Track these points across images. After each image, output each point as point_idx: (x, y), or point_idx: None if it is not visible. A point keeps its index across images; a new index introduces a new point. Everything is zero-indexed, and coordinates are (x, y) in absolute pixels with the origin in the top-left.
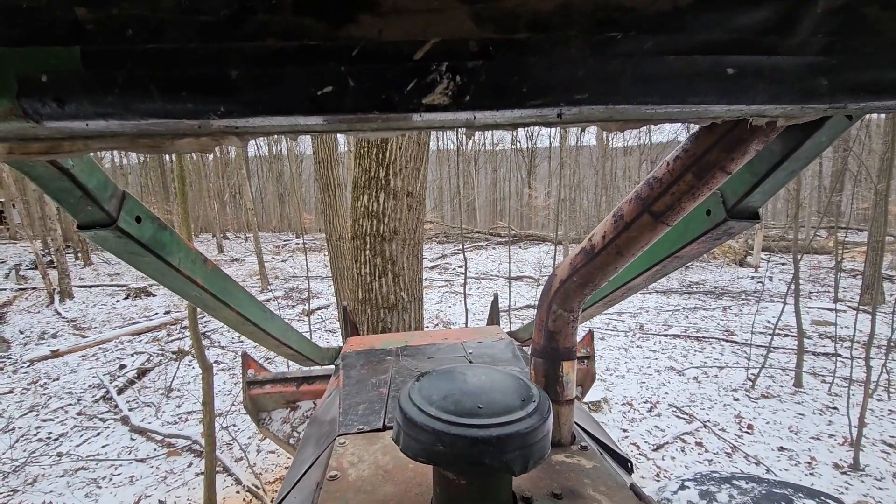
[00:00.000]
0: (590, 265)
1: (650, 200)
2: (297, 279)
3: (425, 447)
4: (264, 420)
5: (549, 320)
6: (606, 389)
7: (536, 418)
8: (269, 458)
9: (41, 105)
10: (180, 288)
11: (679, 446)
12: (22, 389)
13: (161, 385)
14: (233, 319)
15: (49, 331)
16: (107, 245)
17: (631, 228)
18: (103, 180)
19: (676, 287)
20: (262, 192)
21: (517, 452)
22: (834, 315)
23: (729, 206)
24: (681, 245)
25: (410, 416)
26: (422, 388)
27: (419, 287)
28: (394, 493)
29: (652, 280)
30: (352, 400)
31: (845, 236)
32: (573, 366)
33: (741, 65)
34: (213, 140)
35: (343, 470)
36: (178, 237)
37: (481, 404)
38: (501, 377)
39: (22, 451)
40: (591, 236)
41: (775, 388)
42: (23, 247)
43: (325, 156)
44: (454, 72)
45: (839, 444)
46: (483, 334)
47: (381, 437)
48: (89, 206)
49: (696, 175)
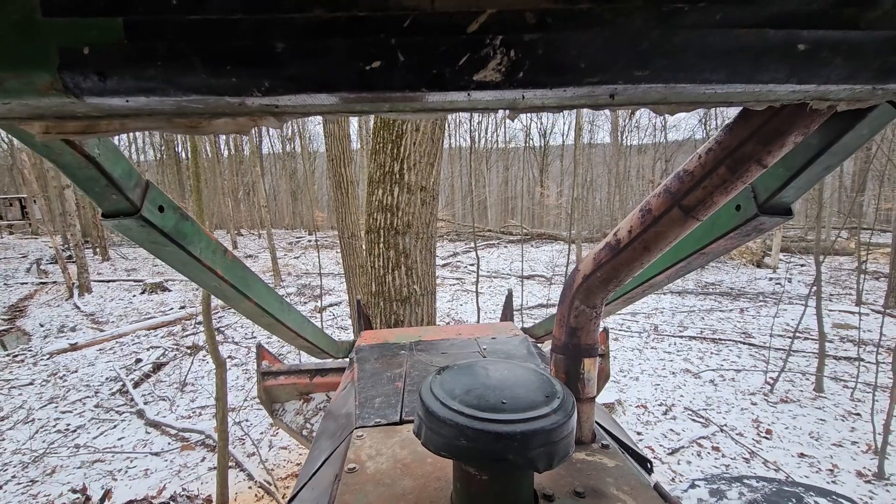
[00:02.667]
0: (615, 260)
1: (680, 194)
2: (310, 276)
3: (448, 441)
4: (278, 411)
5: (570, 316)
6: (620, 391)
7: (561, 415)
8: (281, 454)
9: (83, 79)
10: (200, 278)
11: (695, 450)
12: (42, 381)
13: (176, 379)
14: (251, 310)
15: (68, 324)
16: (130, 234)
17: (659, 223)
18: (128, 169)
19: (692, 288)
20: (275, 189)
21: (542, 449)
22: (856, 318)
23: (760, 201)
24: (707, 241)
25: (433, 410)
26: (443, 382)
27: (432, 281)
28: (413, 487)
29: (675, 277)
30: (367, 393)
31: (870, 237)
32: (595, 363)
33: (815, 40)
34: (251, 120)
35: (361, 463)
36: (200, 227)
37: (505, 399)
38: (524, 372)
39: (41, 442)
40: (617, 231)
41: (795, 393)
42: (44, 242)
43: (338, 153)
44: (509, 45)
45: (862, 452)
46: (497, 330)
47: (399, 430)
48: (114, 194)
49: (729, 168)
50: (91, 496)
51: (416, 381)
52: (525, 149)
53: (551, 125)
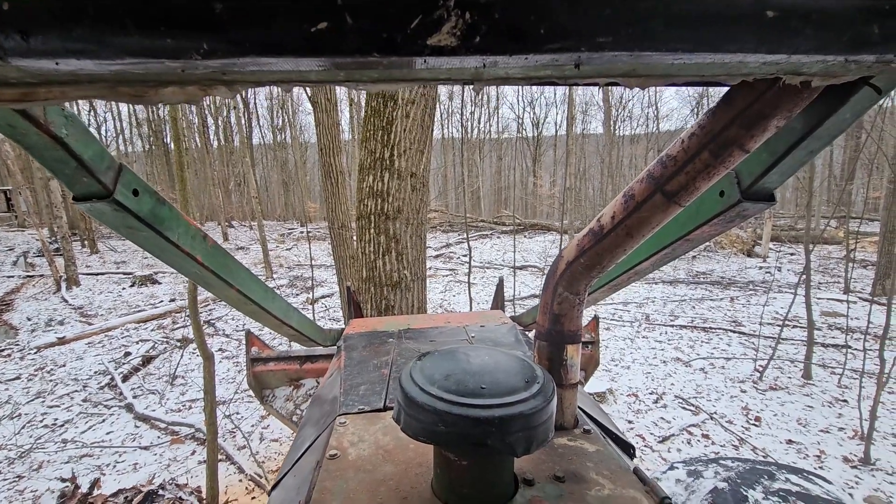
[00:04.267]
0: (598, 246)
1: (663, 180)
2: (302, 268)
3: (426, 427)
4: (268, 397)
5: (554, 303)
6: (612, 380)
7: (540, 399)
8: (272, 447)
9: (3, 37)
10: (180, 264)
11: (685, 438)
12: (29, 376)
13: (165, 373)
14: (234, 298)
15: (56, 318)
16: (104, 219)
17: (642, 209)
18: (99, 151)
19: (683, 277)
20: (266, 180)
21: (520, 434)
22: (844, 306)
23: (744, 186)
24: (691, 227)
25: (411, 396)
26: (423, 368)
27: (422, 267)
28: (394, 473)
29: (660, 264)
30: (353, 381)
31: (859, 226)
32: (578, 350)
33: (785, 7)
34: (201, 89)
35: (343, 449)
36: (178, 213)
37: (484, 384)
38: (505, 358)
39: (28, 437)
40: (600, 217)
41: (783, 380)
42: (30, 234)
43: (328, 142)
44: (464, 7)
45: (849, 438)
46: (486, 318)
47: (382, 417)
48: (85, 177)
49: (712, 153)
50: (80, 485)
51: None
52: (518, 139)
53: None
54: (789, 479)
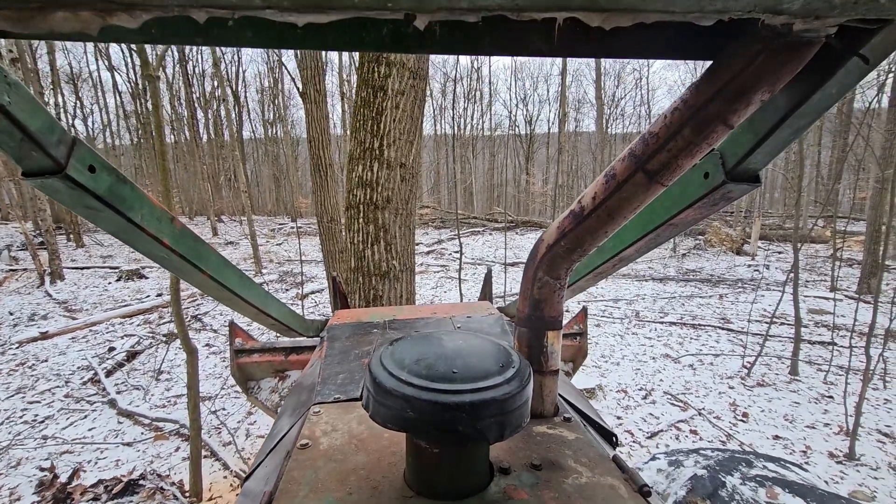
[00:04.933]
0: (579, 228)
1: (644, 158)
2: (292, 263)
3: (395, 413)
4: (253, 389)
5: (534, 288)
6: (601, 376)
7: (515, 384)
8: (257, 443)
9: None
10: (146, 248)
11: (673, 434)
12: (9, 371)
13: (150, 368)
14: (206, 284)
15: (39, 312)
16: (59, 197)
17: (623, 189)
18: (48, 122)
19: (673, 275)
20: (257, 175)
21: (492, 420)
22: (830, 304)
23: (728, 167)
24: (676, 211)
25: (380, 381)
26: (394, 353)
27: (411, 258)
28: (366, 462)
29: (645, 250)
30: (332, 370)
31: (846, 225)
32: (558, 336)
33: None
34: (97, 15)
35: (315, 439)
36: (142, 193)
37: (456, 369)
38: (480, 343)
39: (6, 434)
40: (581, 198)
41: (771, 377)
42: (14, 227)
43: (317, 134)
44: None
45: (834, 434)
46: (473, 309)
47: (357, 406)
48: (33, 150)
49: (694, 129)
50: (59, 475)
51: None
52: (511, 136)
53: (537, 112)
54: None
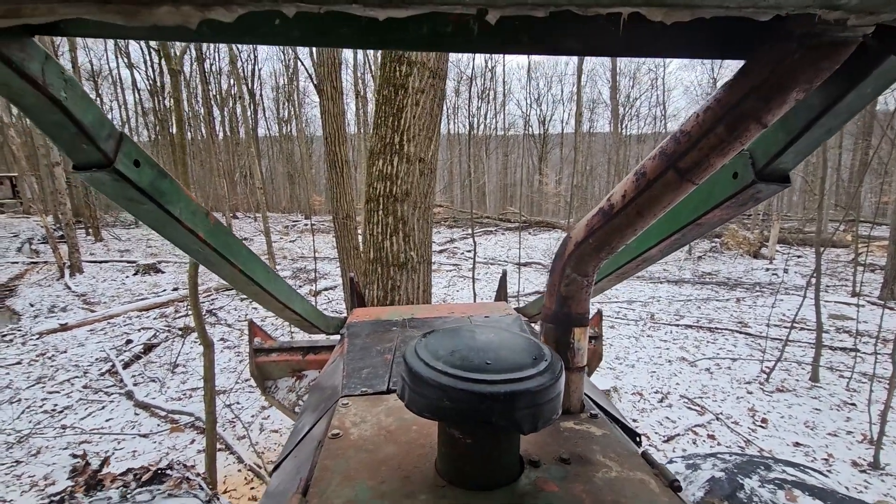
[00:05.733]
0: (607, 226)
1: (676, 156)
2: (305, 260)
3: (431, 402)
4: (270, 388)
5: (561, 284)
6: (616, 378)
7: (548, 377)
8: (272, 438)
9: None
10: (181, 241)
11: (690, 438)
12: (30, 361)
13: (167, 361)
14: (235, 277)
15: (59, 304)
16: (104, 189)
17: (654, 187)
18: (99, 117)
19: (688, 277)
20: (272, 172)
21: (526, 410)
22: (852, 309)
23: (758, 167)
24: (703, 211)
25: (416, 371)
26: (428, 344)
27: (428, 250)
28: (396, 453)
29: (669, 250)
30: (355, 364)
31: (871, 230)
32: (585, 332)
33: None
34: (197, 10)
35: (345, 429)
36: (180, 187)
37: (490, 360)
38: (512, 336)
39: (27, 423)
40: (611, 196)
41: (790, 382)
42: (35, 221)
43: (333, 131)
44: None
45: (858, 442)
46: (490, 309)
47: (385, 399)
48: (84, 144)
49: (728, 128)
50: (90, 462)
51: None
52: (525, 136)
53: (551, 113)
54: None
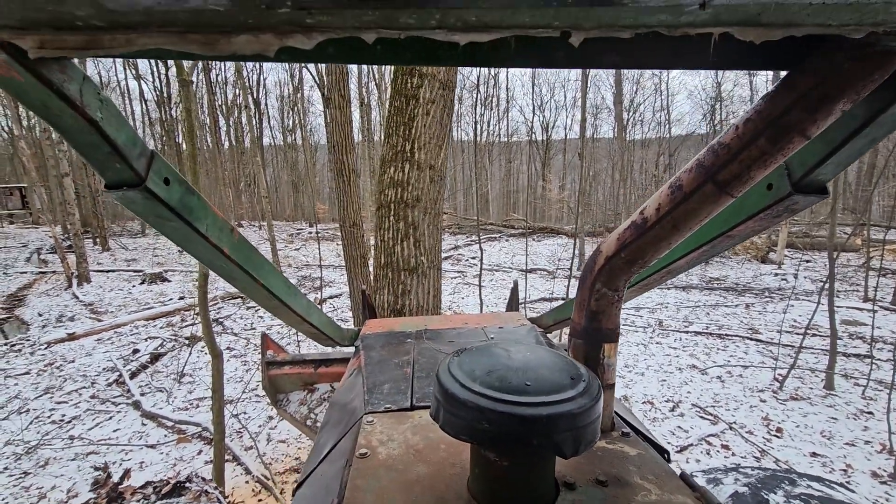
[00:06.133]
0: (641, 240)
1: (715, 168)
2: (310, 268)
3: (469, 424)
4: (282, 401)
5: (591, 299)
6: (626, 387)
7: (588, 398)
8: (279, 448)
9: None
10: (206, 256)
11: (704, 448)
12: (38, 371)
13: (173, 370)
14: (257, 292)
15: (67, 314)
16: (134, 207)
17: (691, 200)
18: (132, 136)
19: (696, 283)
20: (276, 180)
21: (568, 433)
22: (864, 315)
23: (795, 178)
24: (735, 223)
25: (452, 392)
26: (462, 363)
27: (438, 256)
28: (427, 473)
29: (697, 262)
30: (375, 379)
31: (885, 234)
32: (615, 348)
33: None
34: (277, 37)
35: (373, 448)
36: (206, 203)
37: (529, 381)
38: (546, 354)
39: (35, 433)
40: (643, 209)
41: (804, 390)
42: (44, 231)
43: (341, 139)
44: None
45: (877, 452)
46: (504, 320)
47: (410, 416)
48: (118, 163)
49: (770, 140)
50: (111, 474)
51: (425, 367)
52: (528, 142)
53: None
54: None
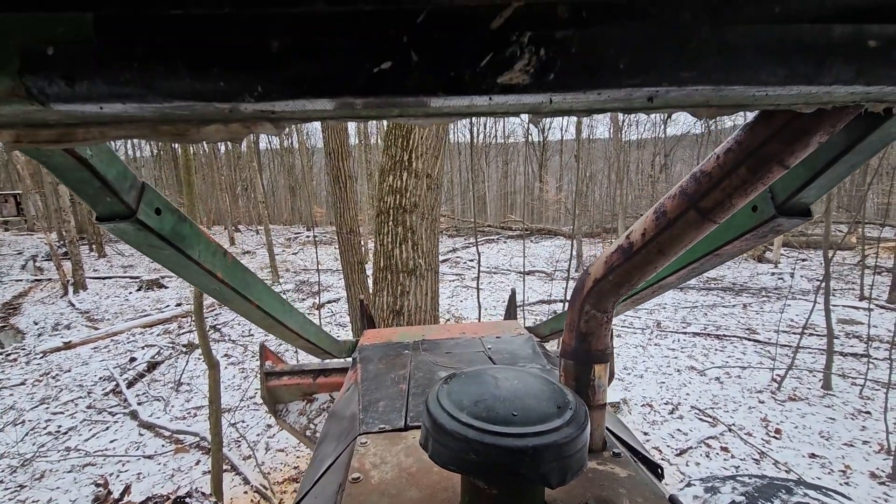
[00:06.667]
0: (627, 264)
1: (697, 196)
2: (308, 272)
3: (456, 455)
4: (281, 412)
5: (581, 321)
6: (625, 389)
7: (574, 427)
8: (277, 457)
9: (48, 84)
10: (200, 281)
11: (703, 451)
12: (34, 381)
13: (171, 378)
14: (252, 312)
15: (63, 322)
16: (126, 237)
17: (675, 226)
18: (122, 171)
19: (694, 283)
20: (273, 185)
21: (554, 463)
22: (860, 313)
23: (778, 202)
24: (722, 242)
25: (440, 423)
26: (451, 392)
27: (436, 259)
28: (419, 499)
29: (687, 278)
30: (371, 396)
31: (880, 232)
32: (606, 369)
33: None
34: (245, 127)
35: (365, 472)
36: (199, 229)
37: (516, 411)
38: (534, 381)
39: (31, 445)
40: (630, 233)
41: (802, 391)
42: (39, 238)
43: (336, 146)
44: (538, 44)
45: (875, 452)
46: (502, 329)
47: (404, 437)
48: (108, 197)
49: (750, 169)
50: (112, 490)
51: (421, 382)
52: (525, 144)
53: (550, 120)
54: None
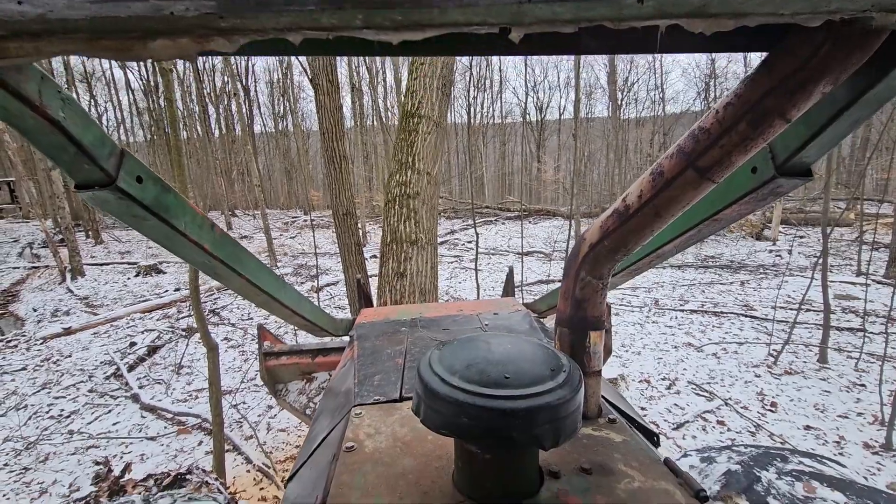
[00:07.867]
0: (623, 228)
1: (695, 154)
2: (306, 256)
3: (448, 419)
4: (281, 391)
5: (576, 288)
6: (623, 366)
7: (568, 389)
8: (279, 437)
9: None
10: (188, 254)
11: (700, 425)
12: (35, 366)
13: (171, 362)
14: (244, 288)
15: (62, 308)
16: (108, 207)
17: (672, 186)
18: (99, 136)
19: (692, 261)
20: (269, 168)
21: (547, 426)
22: (859, 289)
23: (779, 162)
24: (720, 206)
25: (432, 387)
26: (443, 357)
27: (435, 237)
28: (413, 467)
29: (684, 246)
30: (367, 370)
31: (879, 208)
32: (601, 336)
33: None
34: (195, 41)
35: (360, 441)
36: (184, 200)
37: (508, 374)
38: (528, 345)
39: (34, 429)
40: (626, 196)
41: (798, 365)
42: (34, 225)
43: (330, 126)
44: None
45: (869, 423)
46: (499, 306)
47: (398, 408)
48: (85, 164)
49: (750, 124)
50: (113, 469)
51: (417, 357)
52: (522, 124)
53: (548, 99)
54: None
